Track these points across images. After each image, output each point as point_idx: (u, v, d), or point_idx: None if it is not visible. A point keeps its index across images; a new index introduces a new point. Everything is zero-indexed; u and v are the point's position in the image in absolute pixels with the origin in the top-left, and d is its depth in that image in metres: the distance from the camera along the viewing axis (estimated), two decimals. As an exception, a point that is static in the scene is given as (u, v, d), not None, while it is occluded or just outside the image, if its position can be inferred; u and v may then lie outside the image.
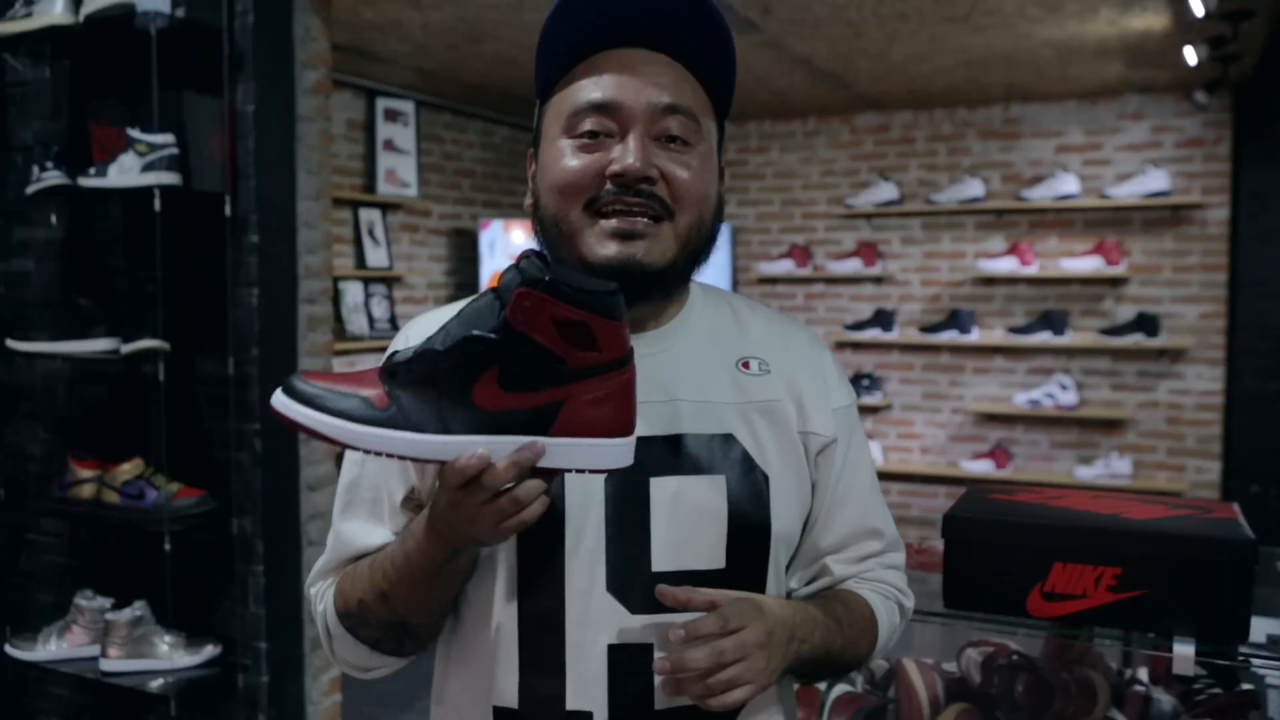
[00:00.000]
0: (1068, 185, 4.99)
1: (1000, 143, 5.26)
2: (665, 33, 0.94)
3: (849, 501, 1.05)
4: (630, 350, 0.81)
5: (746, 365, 1.01)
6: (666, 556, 0.93)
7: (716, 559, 0.94)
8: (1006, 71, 4.50)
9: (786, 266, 5.61)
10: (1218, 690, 1.55)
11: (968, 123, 5.31)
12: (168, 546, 2.36)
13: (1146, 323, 4.87)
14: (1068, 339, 5.05)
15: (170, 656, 2.39)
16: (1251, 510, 1.47)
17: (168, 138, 2.34)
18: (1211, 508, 1.43)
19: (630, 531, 0.93)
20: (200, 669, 2.42)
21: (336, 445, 0.80)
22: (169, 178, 2.33)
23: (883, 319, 5.40)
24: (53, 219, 2.63)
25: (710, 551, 0.94)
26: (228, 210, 2.42)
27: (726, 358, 1.01)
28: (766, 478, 0.97)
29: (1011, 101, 5.19)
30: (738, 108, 1.06)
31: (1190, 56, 3.89)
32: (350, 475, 1.02)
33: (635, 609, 0.92)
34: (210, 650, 2.44)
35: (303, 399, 0.81)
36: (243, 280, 2.44)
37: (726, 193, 1.04)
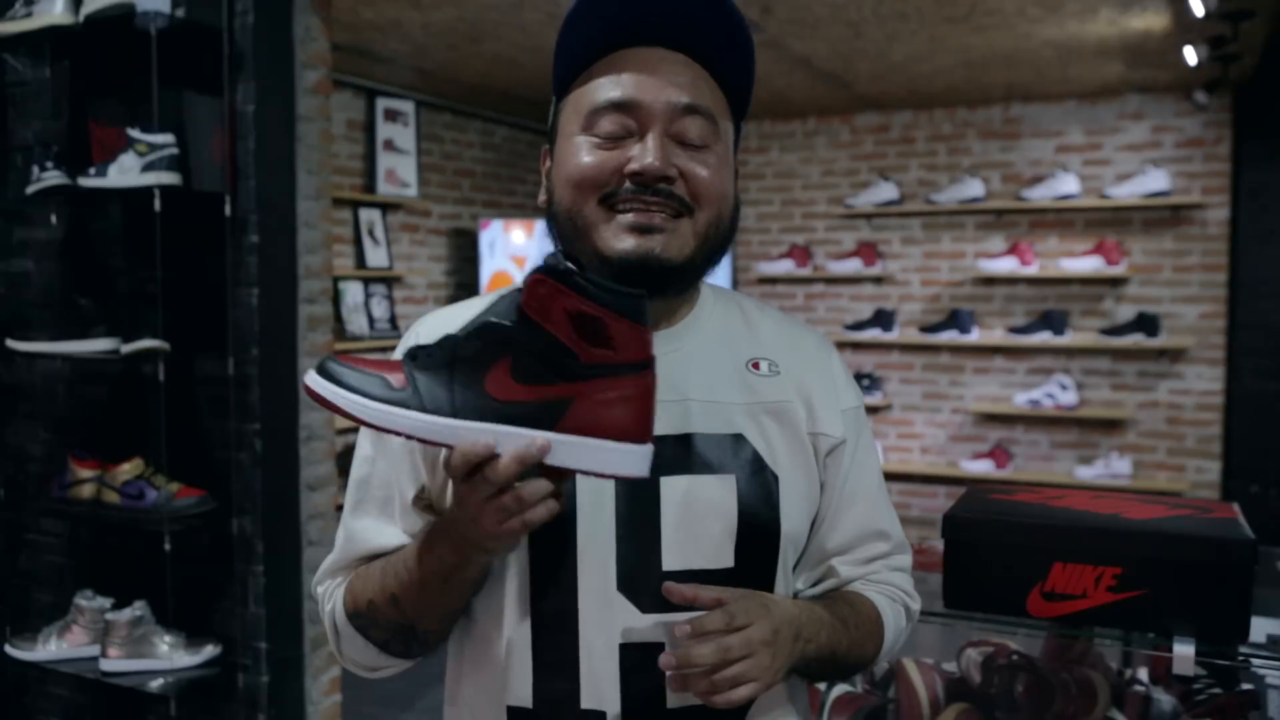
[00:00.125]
0: (1068, 185, 4.99)
1: (1000, 143, 5.25)
2: (686, 33, 0.94)
3: (856, 503, 1.05)
4: (651, 357, 0.78)
5: (756, 366, 1.01)
6: (676, 556, 0.93)
7: (725, 558, 0.94)
8: (1006, 71, 4.50)
9: (786, 266, 5.61)
10: (1218, 690, 1.55)
11: (968, 123, 5.31)
12: (168, 546, 2.36)
13: (1146, 323, 4.87)
14: (1068, 339, 5.04)
15: (170, 656, 2.39)
16: (1251, 510, 1.47)
17: (168, 138, 2.34)
18: (1211, 508, 1.43)
19: (641, 531, 0.93)
20: (200, 669, 2.42)
21: (349, 419, 0.81)
22: (169, 178, 2.33)
23: (883, 319, 5.40)
24: (53, 219, 2.63)
25: (719, 551, 0.94)
26: (228, 210, 2.42)
27: (736, 358, 1.01)
28: (776, 478, 0.97)
29: (1011, 101, 5.19)
30: (738, 108, 1.06)
31: (1190, 56, 3.89)
32: (361, 473, 1.02)
33: (646, 608, 0.92)
34: (210, 650, 2.44)
35: (329, 376, 0.82)
36: (243, 280, 2.44)
37: None
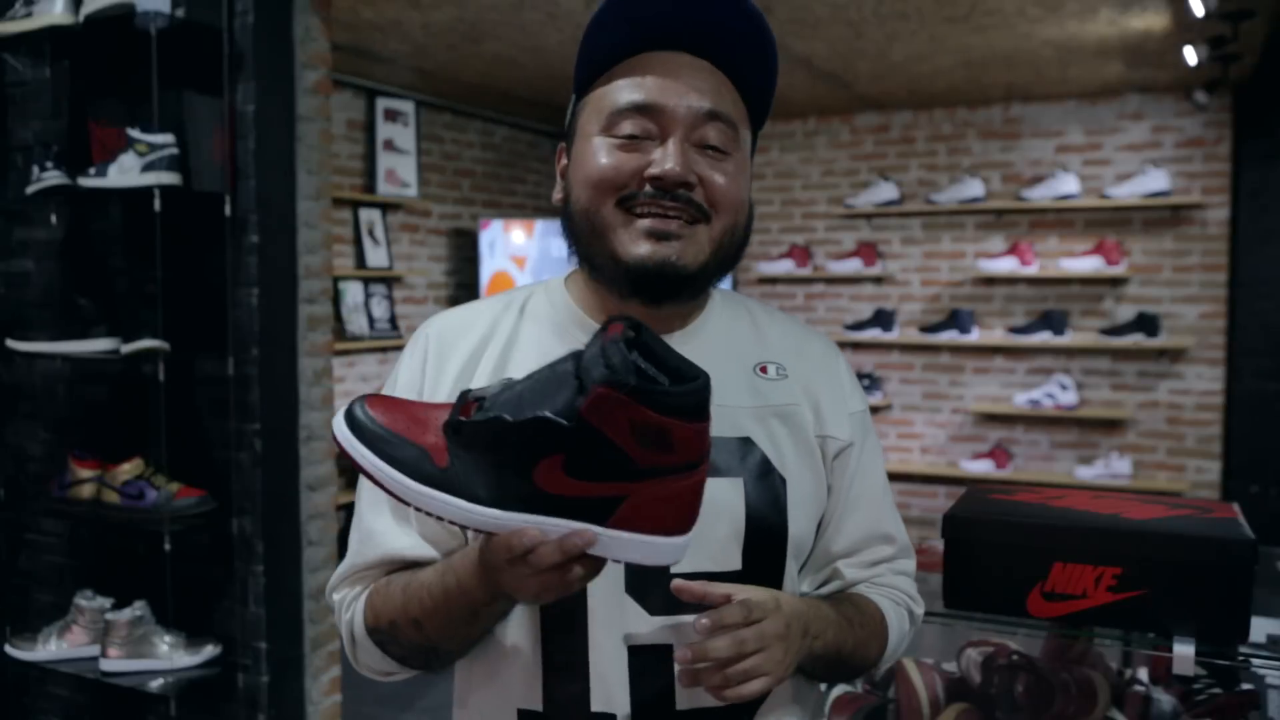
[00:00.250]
0: (1068, 185, 4.99)
1: (1000, 143, 5.25)
2: (712, 40, 0.94)
3: (862, 506, 1.05)
4: (706, 450, 0.77)
5: (764, 370, 1.02)
6: (684, 558, 0.93)
7: (733, 561, 0.95)
8: (1006, 71, 4.50)
9: (786, 266, 5.60)
10: (1218, 690, 1.55)
11: (968, 123, 5.31)
12: (168, 546, 2.36)
13: (1146, 323, 4.87)
14: (1068, 339, 5.04)
15: (170, 656, 2.39)
16: (1251, 510, 1.47)
17: (168, 138, 2.34)
18: (1211, 508, 1.43)
19: None
20: (200, 669, 2.42)
21: (389, 495, 0.79)
22: (169, 178, 2.33)
23: (883, 319, 5.40)
24: (53, 219, 2.63)
25: (727, 553, 0.95)
26: (228, 210, 2.42)
27: (745, 362, 1.01)
28: (784, 481, 0.98)
29: (1011, 101, 5.19)
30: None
31: (1190, 56, 3.89)
32: None
33: (654, 610, 0.93)
34: (210, 650, 2.44)
35: (363, 435, 0.79)
36: (243, 280, 2.44)
37: None
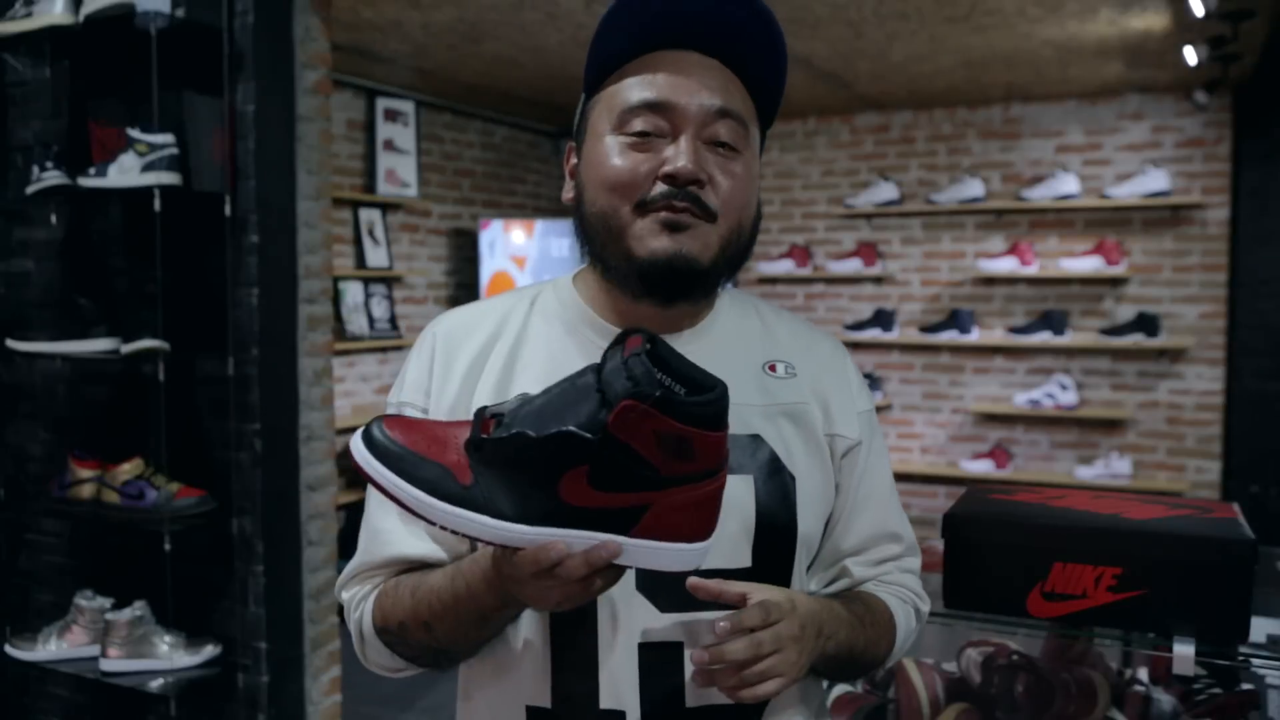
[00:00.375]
0: (1068, 185, 4.99)
1: (1000, 143, 5.25)
2: (723, 38, 0.94)
3: (870, 505, 1.06)
4: (725, 457, 0.79)
5: (773, 368, 1.02)
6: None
7: (743, 558, 0.95)
8: (1006, 71, 4.50)
9: (786, 266, 5.60)
10: (1218, 690, 1.55)
11: (968, 123, 5.31)
12: (168, 546, 2.36)
13: (1146, 323, 4.87)
14: (1068, 339, 5.04)
15: (170, 656, 2.39)
16: (1251, 510, 1.47)
17: (168, 138, 2.34)
18: (1211, 508, 1.43)
19: None
20: (200, 669, 2.42)
21: (411, 514, 0.79)
22: (169, 178, 2.33)
23: (883, 319, 5.39)
24: (53, 219, 2.63)
25: (737, 550, 0.95)
26: (228, 210, 2.42)
27: (754, 361, 1.02)
28: (793, 479, 0.98)
29: (1011, 101, 5.19)
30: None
31: (1190, 56, 3.89)
32: None
33: (664, 608, 0.93)
34: (210, 650, 2.44)
35: (383, 456, 0.79)
36: (243, 280, 2.44)
37: None
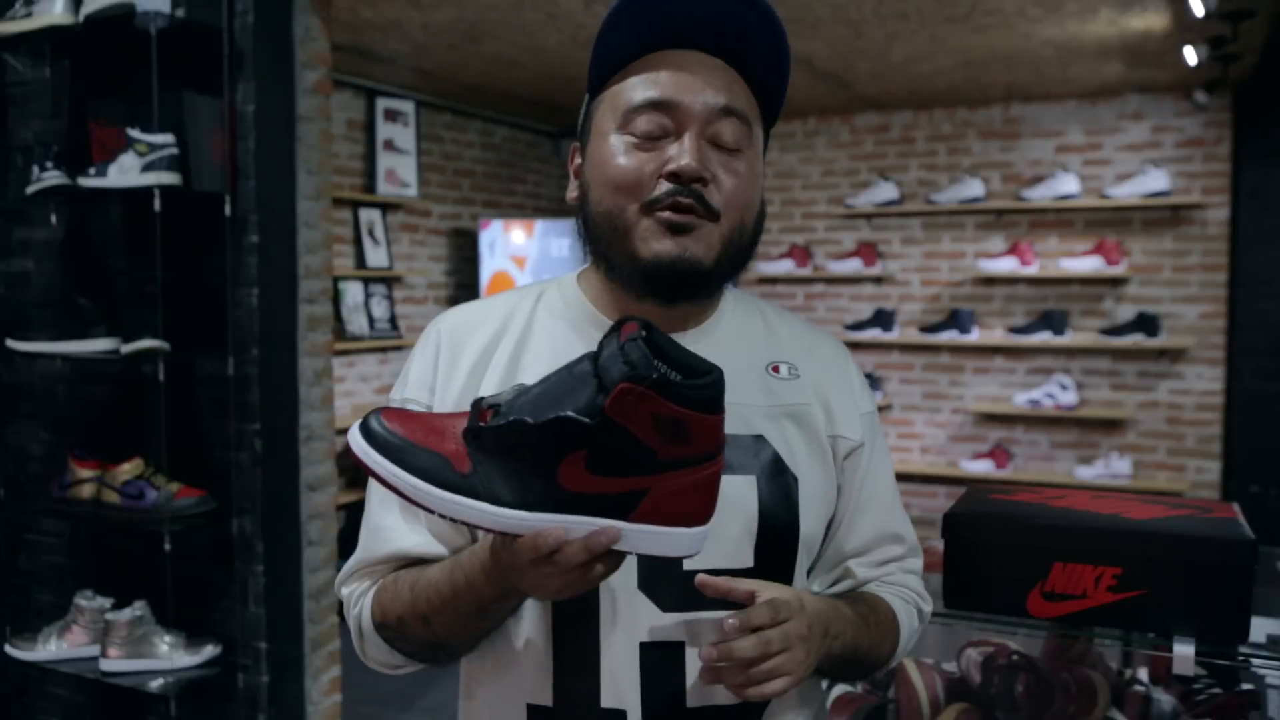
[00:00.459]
0: (1068, 185, 4.99)
1: (1000, 143, 5.25)
2: (727, 38, 0.94)
3: (873, 506, 1.06)
4: (722, 442, 0.79)
5: (776, 369, 1.02)
6: (697, 556, 0.93)
7: (745, 558, 0.95)
8: (1006, 71, 4.50)
9: (786, 266, 5.60)
10: (1218, 690, 1.55)
11: (968, 123, 5.31)
12: (168, 546, 2.36)
13: (1146, 323, 4.87)
14: (1068, 339, 5.04)
15: (170, 656, 2.39)
16: (1251, 510, 1.47)
17: (168, 138, 2.34)
18: (1211, 508, 1.43)
19: None
20: (200, 669, 2.42)
21: (411, 504, 0.79)
22: (169, 178, 2.33)
23: (883, 319, 5.39)
24: (53, 219, 2.63)
25: (739, 550, 0.95)
26: (228, 210, 2.42)
27: (757, 361, 1.02)
28: (796, 479, 0.98)
29: (1011, 101, 5.19)
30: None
31: (1190, 56, 3.89)
32: None
33: (666, 607, 0.93)
34: (210, 650, 2.44)
35: (381, 446, 0.79)
36: (243, 280, 2.44)
37: None
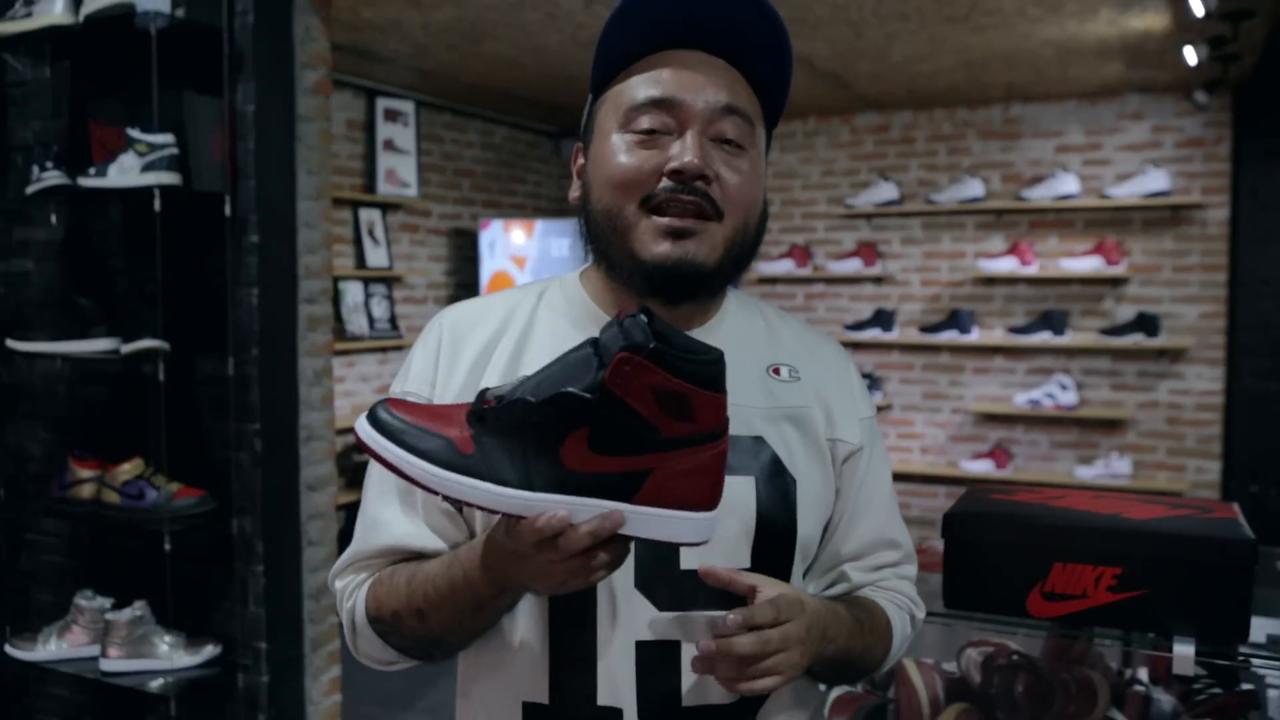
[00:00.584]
0: (1068, 185, 4.99)
1: (1000, 143, 5.25)
2: (729, 38, 0.95)
3: (870, 511, 1.06)
4: (726, 422, 0.78)
5: (777, 371, 1.02)
6: (694, 555, 0.93)
7: (743, 558, 0.95)
8: (1006, 71, 4.50)
9: (786, 266, 5.60)
10: (1218, 690, 1.55)
11: (968, 123, 5.31)
12: (168, 546, 2.36)
13: (1146, 323, 4.87)
14: (1068, 339, 5.04)
15: (170, 656, 2.39)
16: (1251, 510, 1.47)
17: (168, 138, 2.34)
18: (1211, 508, 1.43)
19: None
20: (200, 669, 2.42)
21: (413, 484, 0.79)
22: (169, 178, 2.33)
23: (883, 319, 5.40)
24: (53, 219, 2.63)
25: (737, 551, 0.95)
26: (228, 210, 2.42)
27: (758, 363, 1.02)
28: (794, 481, 0.98)
29: (1011, 101, 5.19)
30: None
31: (1190, 56, 3.89)
32: None
33: (663, 606, 0.93)
34: (210, 650, 2.44)
35: (387, 432, 0.79)
36: (243, 280, 2.44)
37: None
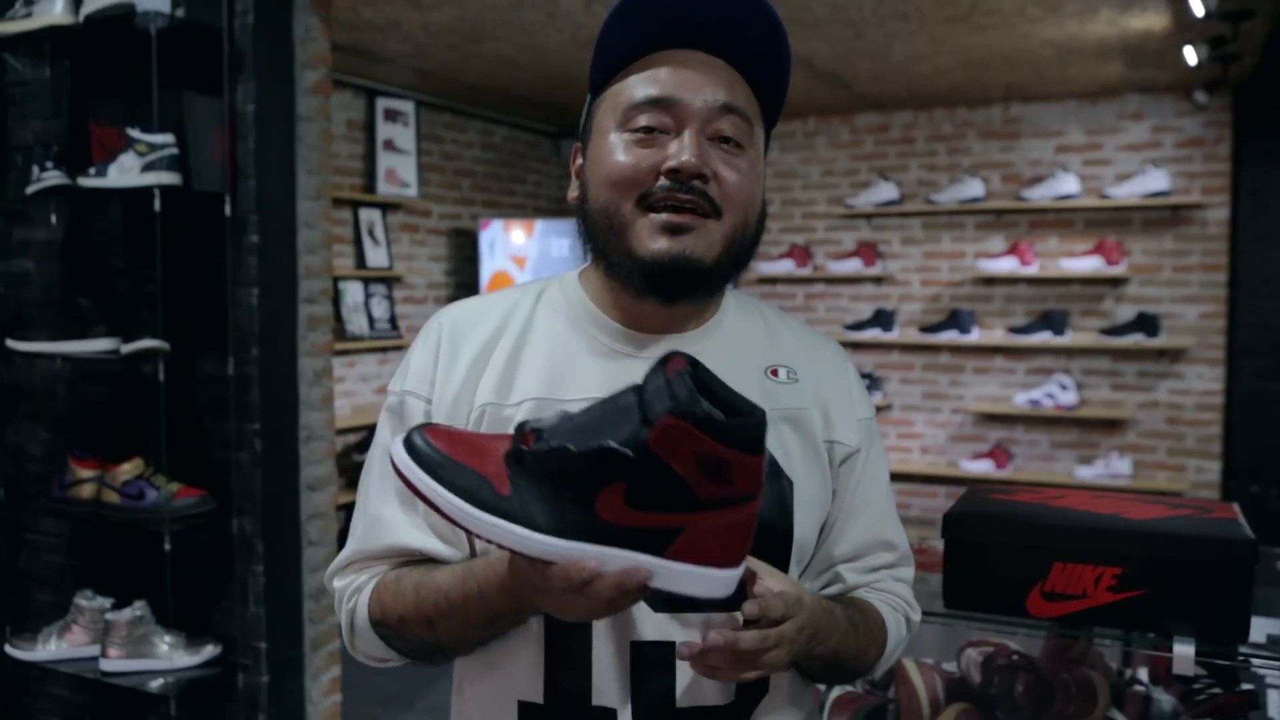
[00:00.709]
0: (1068, 185, 4.99)
1: (1000, 143, 5.25)
2: (728, 38, 0.95)
3: (866, 512, 1.06)
4: (761, 484, 0.79)
5: (775, 373, 1.02)
6: None
7: None
8: (1006, 71, 4.50)
9: (786, 266, 5.60)
10: (1218, 690, 1.55)
11: (968, 123, 5.31)
12: (168, 546, 2.36)
13: (1146, 323, 4.87)
14: (1068, 339, 5.04)
15: (170, 656, 2.39)
16: (1251, 510, 1.47)
17: (168, 138, 2.34)
18: (1211, 508, 1.43)
19: None
20: (200, 669, 2.42)
21: (449, 521, 0.80)
22: (169, 178, 2.33)
23: (883, 319, 5.40)
24: (53, 219, 2.63)
25: None
26: (228, 210, 2.42)
27: (757, 364, 1.02)
28: (791, 484, 0.98)
29: (1011, 101, 5.19)
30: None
31: (1190, 56, 3.89)
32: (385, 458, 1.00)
33: (658, 607, 0.93)
34: (210, 650, 2.44)
35: (424, 463, 0.80)
36: (243, 280, 2.44)
37: None
